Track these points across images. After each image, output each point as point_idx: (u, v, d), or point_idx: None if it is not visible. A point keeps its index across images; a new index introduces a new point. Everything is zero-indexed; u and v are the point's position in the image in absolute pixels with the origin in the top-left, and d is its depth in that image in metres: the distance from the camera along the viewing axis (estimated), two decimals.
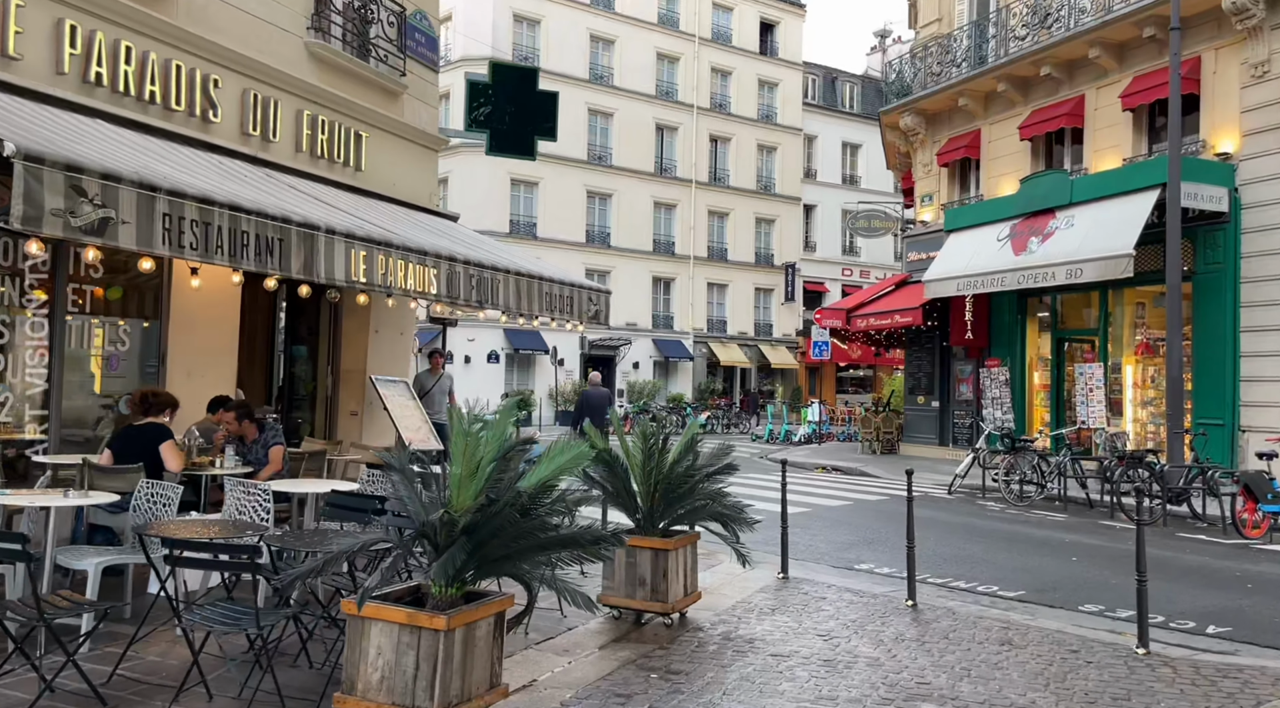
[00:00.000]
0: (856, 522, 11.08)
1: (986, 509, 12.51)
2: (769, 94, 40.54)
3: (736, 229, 39.06)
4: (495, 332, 32.06)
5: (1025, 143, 17.82)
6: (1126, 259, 13.66)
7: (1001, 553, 9.12)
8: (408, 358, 10.72)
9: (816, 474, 17.71)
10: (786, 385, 40.91)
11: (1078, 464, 13.29)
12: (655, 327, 36.76)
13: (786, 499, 8.02)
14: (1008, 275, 15.75)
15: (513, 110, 10.91)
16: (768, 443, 26.45)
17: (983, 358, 18.42)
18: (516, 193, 33.27)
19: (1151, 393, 16.08)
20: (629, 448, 6.15)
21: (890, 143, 21.88)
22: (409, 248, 6.62)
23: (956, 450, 18.18)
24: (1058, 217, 15.53)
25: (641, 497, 6.14)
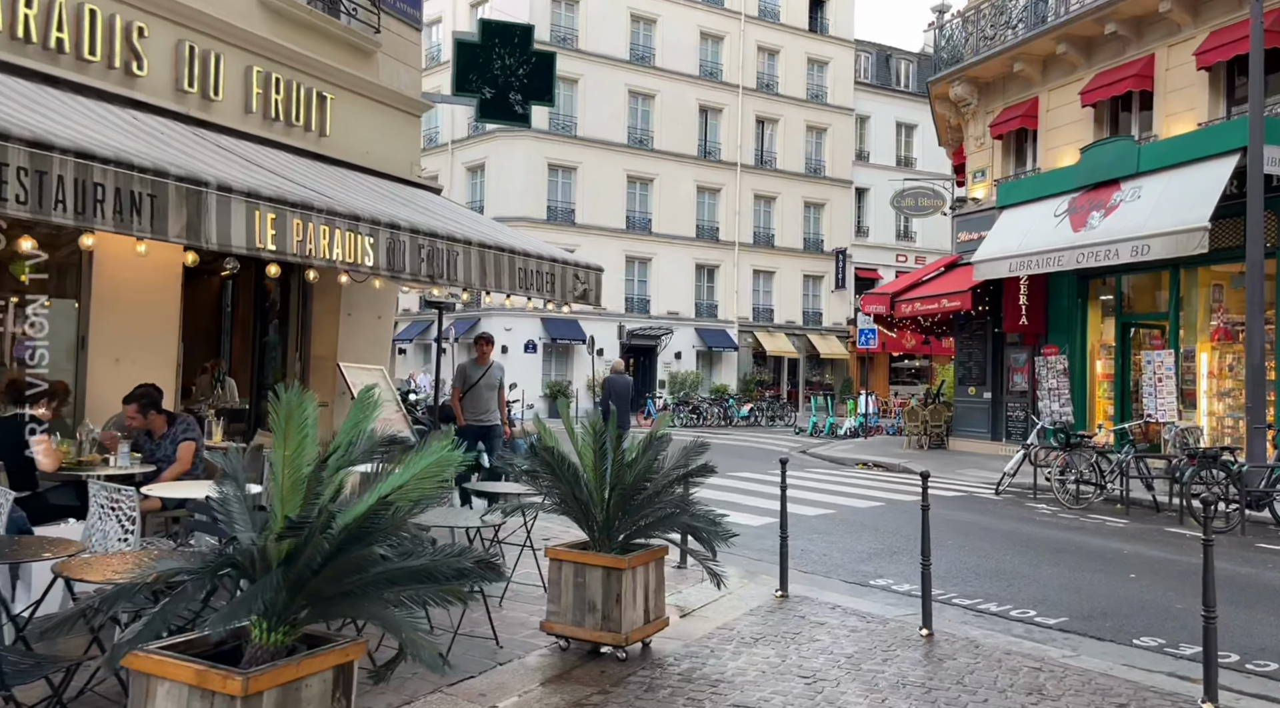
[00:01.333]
0: (884, 526, 9.93)
1: (1036, 513, 11.22)
2: (818, 73, 38.97)
3: (784, 214, 37.66)
4: (533, 321, 31.35)
5: (1087, 110, 16.27)
6: (1201, 233, 12.18)
7: (1046, 566, 7.90)
8: (386, 344, 9.88)
9: (856, 471, 16.50)
10: (837, 376, 39.44)
11: (1142, 463, 11.88)
12: (698, 315, 35.64)
13: (786, 502, 6.95)
14: (1065, 254, 14.31)
15: (506, 73, 9.97)
16: (810, 437, 25.23)
17: (1039, 345, 16.95)
18: (554, 178, 32.45)
19: (1229, 383, 14.49)
20: (579, 446, 5.16)
21: (940, 116, 20.42)
22: (336, 212, 5.72)
23: (1010, 446, 16.78)
24: (1123, 188, 14.03)
25: (595, 505, 5.15)
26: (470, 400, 9.14)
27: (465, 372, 9.26)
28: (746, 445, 22.02)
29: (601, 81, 33.01)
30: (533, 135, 31.71)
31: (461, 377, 9.22)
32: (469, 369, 9.29)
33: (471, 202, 33.33)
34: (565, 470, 5.09)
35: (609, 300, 34.22)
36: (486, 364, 9.27)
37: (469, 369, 9.29)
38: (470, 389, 9.14)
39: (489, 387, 9.25)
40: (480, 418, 9.15)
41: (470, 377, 9.21)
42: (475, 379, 9.20)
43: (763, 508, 10.85)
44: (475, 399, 9.14)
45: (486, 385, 9.23)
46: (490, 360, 9.35)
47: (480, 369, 9.23)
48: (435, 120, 35.15)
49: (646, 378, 34.53)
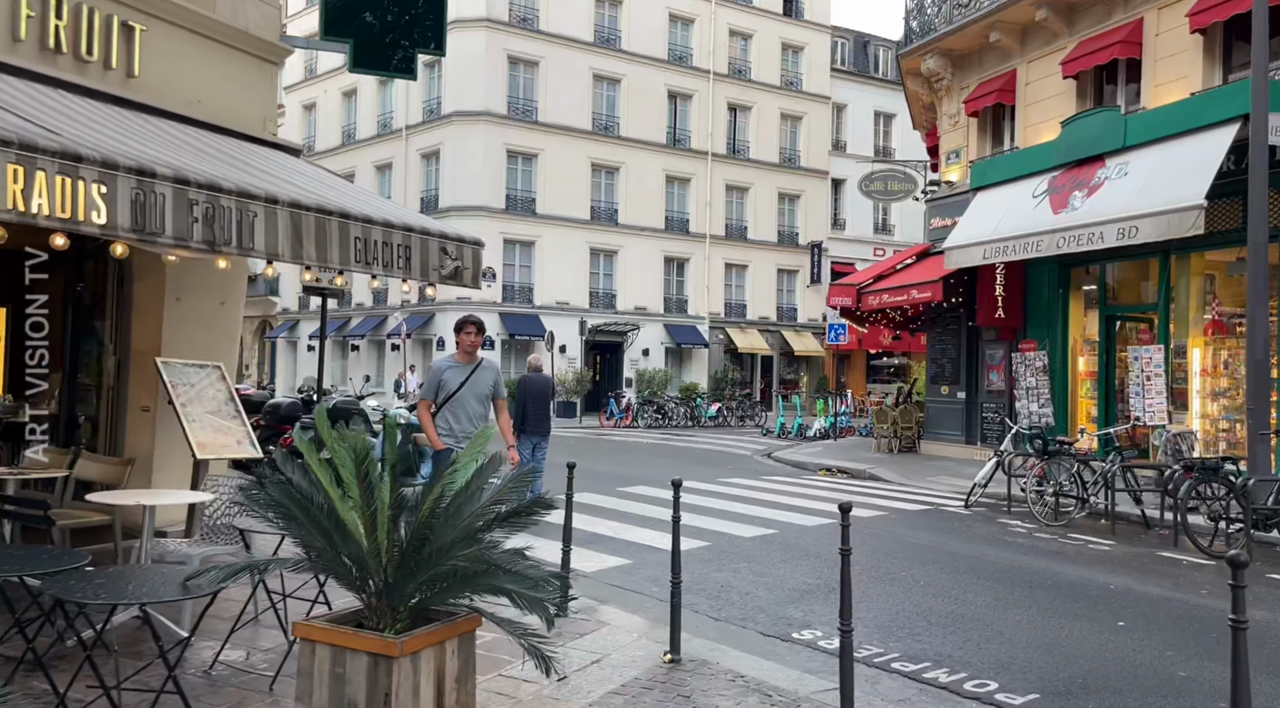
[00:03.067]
0: (829, 552, 8.41)
1: (1008, 532, 9.76)
2: (793, 59, 37.51)
3: (757, 205, 36.19)
4: (490, 316, 29.73)
5: (1069, 82, 14.84)
6: (1195, 212, 10.75)
7: (1016, 610, 6.42)
8: (233, 335, 8.30)
9: (817, 477, 15.04)
10: (813, 375, 38.05)
11: (1130, 473, 10.45)
12: (667, 311, 34.14)
13: (679, 537, 5.42)
14: (1044, 238, 12.87)
15: (387, 13, 8.40)
16: (777, 438, 23.77)
17: (1016, 340, 15.54)
18: (514, 166, 30.84)
19: (1225, 382, 13.10)
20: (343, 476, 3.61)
21: (913, 93, 18.97)
22: (36, 147, 4.15)
23: (984, 450, 15.36)
24: (1108, 165, 12.61)
25: (370, 560, 3.61)
26: (451, 415, 6.45)
27: (440, 375, 6.57)
28: (707, 449, 20.54)
29: (564, 64, 31.43)
30: (491, 120, 30.13)
31: (435, 382, 6.54)
32: (446, 371, 6.57)
33: (426, 190, 31.73)
34: (318, 512, 3.54)
35: (572, 295, 32.91)
36: (474, 363, 6.57)
37: (446, 371, 6.57)
38: (451, 399, 6.43)
39: (478, 395, 6.49)
40: (466, 428, 6.45)
41: (449, 382, 6.47)
42: (457, 385, 6.44)
43: (698, 528, 9.37)
44: (459, 414, 6.46)
45: (474, 394, 6.48)
46: (479, 357, 6.64)
47: (464, 369, 6.53)
48: (389, 104, 33.53)
49: (612, 376, 33.03)
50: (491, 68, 30.23)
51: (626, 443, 21.70)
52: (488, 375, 6.66)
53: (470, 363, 6.63)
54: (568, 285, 31.57)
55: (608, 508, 10.61)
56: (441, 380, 6.55)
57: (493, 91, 30.26)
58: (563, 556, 6.09)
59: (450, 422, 6.49)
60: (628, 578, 7.30)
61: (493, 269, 30.13)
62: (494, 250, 30.18)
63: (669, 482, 12.69)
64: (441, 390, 6.51)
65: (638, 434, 24.92)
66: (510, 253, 30.77)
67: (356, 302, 34.53)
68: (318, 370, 9.67)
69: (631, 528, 9.33)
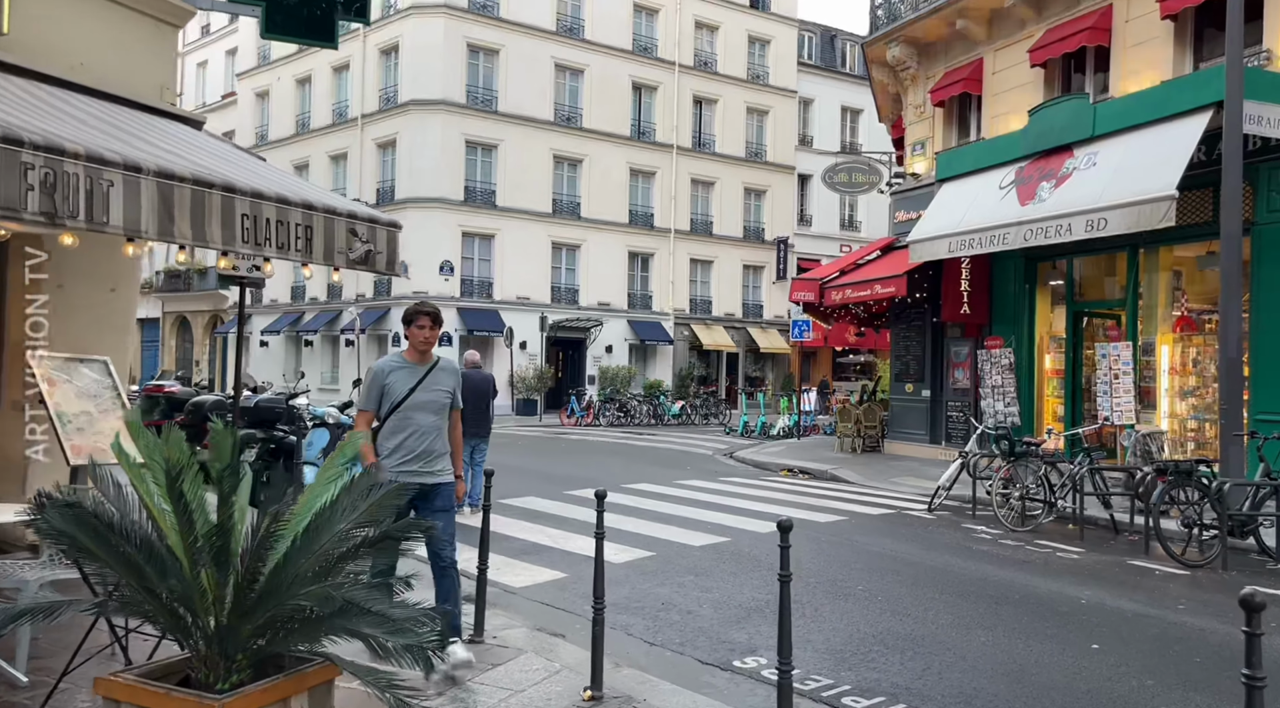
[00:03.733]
0: None
1: (973, 538, 9.24)
2: (760, 52, 37.00)
3: (723, 200, 35.64)
4: (448, 312, 28.88)
5: (1036, 71, 14.41)
6: (1167, 203, 10.31)
7: (980, 631, 5.86)
8: (126, 326, 7.52)
9: (778, 478, 14.49)
10: (779, 372, 37.62)
11: (1098, 476, 9.99)
12: (631, 307, 33.48)
13: (603, 556, 4.77)
14: (1011, 231, 12.40)
15: None
16: (741, 437, 23.24)
17: (982, 337, 15.09)
18: (473, 157, 29.98)
19: (1193, 380, 12.73)
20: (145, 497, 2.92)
21: (879, 83, 18.48)
22: None
23: (950, 450, 14.91)
24: (1076, 155, 12.16)
25: (196, 600, 2.92)
26: (398, 433, 4.85)
27: (384, 378, 4.94)
28: (668, 448, 19.94)
29: (525, 53, 30.63)
30: (450, 109, 29.28)
31: (376, 388, 4.93)
32: (392, 374, 4.94)
33: (383, 181, 30.81)
34: (122, 540, 2.84)
35: (533, 290, 32.12)
36: (428, 363, 5.00)
37: (392, 374, 4.94)
38: (398, 411, 4.87)
39: (433, 405, 4.92)
40: (415, 467, 4.82)
41: (395, 387, 4.90)
42: (406, 391, 4.88)
43: (645, 536, 8.75)
44: (409, 429, 4.85)
45: (428, 403, 4.90)
46: (435, 357, 5.08)
47: (415, 372, 4.94)
48: (345, 92, 32.54)
49: (575, 373, 32.33)
50: (450, 55, 29.37)
51: (585, 442, 21.03)
52: (445, 379, 5.01)
53: (424, 363, 4.98)
54: (529, 280, 30.81)
55: (551, 514, 9.95)
56: (385, 386, 4.91)
57: (451, 80, 29.40)
58: (479, 575, 5.42)
59: (395, 439, 4.84)
60: (560, 595, 6.66)
61: (450, 262, 29.33)
62: (452, 244, 29.41)
63: (620, 485, 11.98)
64: (386, 399, 4.90)
65: (598, 433, 24.25)
66: (469, 246, 29.95)
67: (310, 296, 33.52)
68: (235, 365, 8.90)
69: (573, 537, 8.68)
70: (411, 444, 4.88)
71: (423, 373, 4.99)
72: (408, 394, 4.92)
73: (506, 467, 15.64)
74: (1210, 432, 12.24)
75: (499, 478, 12.36)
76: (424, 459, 4.90)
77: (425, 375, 4.99)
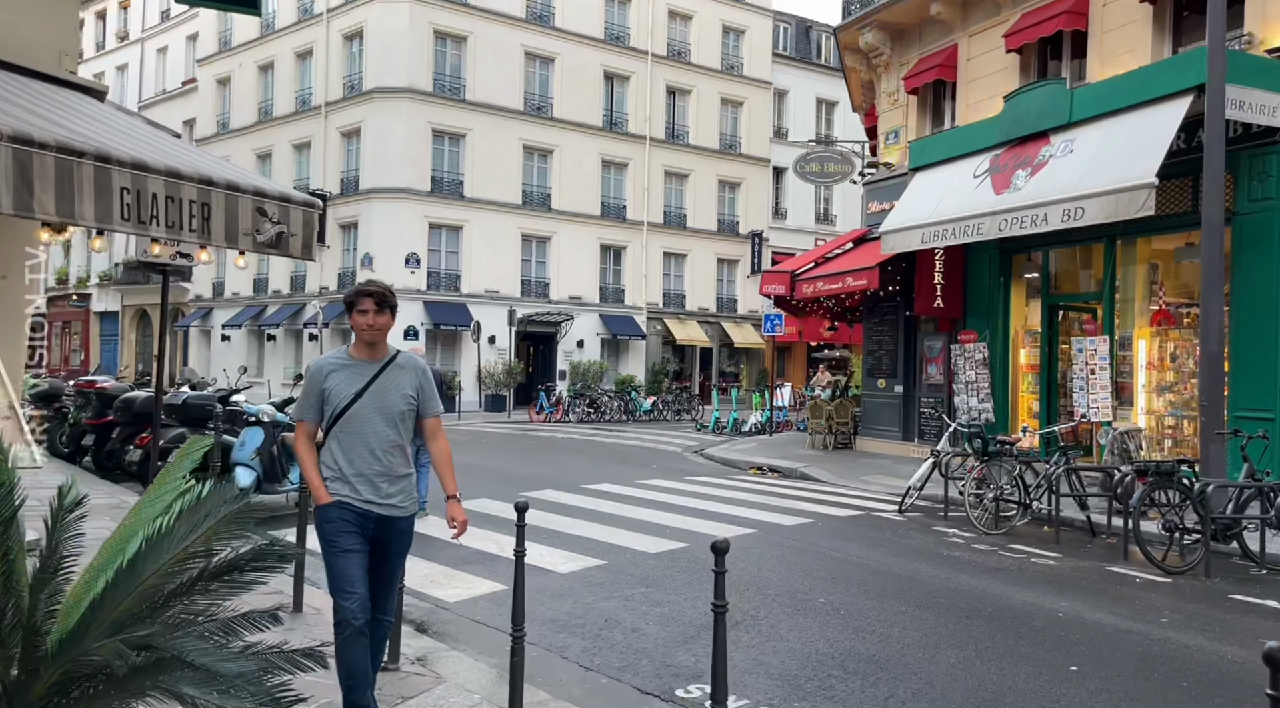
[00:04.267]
0: (742, 573, 7.31)
1: (945, 541, 8.78)
2: (734, 42, 36.48)
3: (697, 193, 35.11)
4: (414, 305, 28.22)
5: (1012, 57, 13.99)
6: (1146, 191, 9.89)
7: (950, 650, 5.37)
8: (17, 319, 6.86)
9: (746, 477, 14.00)
10: (753, 367, 37.20)
11: (1075, 476, 9.57)
12: (603, 300, 32.89)
13: (524, 576, 4.23)
14: (986, 221, 11.97)
15: None
16: (712, 433, 22.75)
17: (955, 331, 14.68)
18: (440, 146, 29.24)
19: (1170, 376, 12.36)
20: None
21: (852, 71, 18.01)
22: None
23: (923, 446, 14.50)
24: (1052, 142, 11.74)
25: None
26: (343, 448, 3.84)
27: (323, 380, 3.88)
28: (636, 445, 19.41)
29: (494, 41, 29.91)
30: (416, 97, 28.53)
31: (314, 393, 3.90)
32: (333, 374, 3.88)
33: (347, 170, 30.00)
34: None
35: (502, 283, 31.44)
36: (379, 359, 3.93)
37: (333, 374, 3.88)
38: (343, 420, 3.85)
39: (388, 412, 3.87)
40: (366, 493, 3.81)
41: (337, 391, 3.86)
42: (351, 396, 3.84)
43: (596, 542, 8.22)
44: (355, 444, 3.83)
45: (381, 410, 3.86)
46: (389, 350, 3.98)
47: (362, 370, 3.89)
48: (308, 80, 31.67)
49: (545, 368, 31.72)
50: (416, 42, 28.61)
51: (551, 439, 20.46)
52: (403, 379, 3.89)
53: (374, 359, 3.89)
54: (498, 273, 30.14)
55: (502, 518, 9.37)
56: (325, 390, 3.84)
57: (417, 67, 28.64)
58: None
59: (341, 458, 3.80)
60: (497, 611, 6.10)
61: (416, 254, 28.62)
62: (419, 235, 28.69)
63: (580, 485, 11.36)
64: (327, 406, 3.85)
65: (567, 429, 23.68)
66: (436, 238, 29.23)
67: (274, 289, 32.66)
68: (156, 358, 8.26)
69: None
70: (364, 463, 3.78)
71: (373, 372, 3.86)
72: (353, 399, 3.82)
73: (464, 466, 15.03)
74: (1189, 429, 11.89)
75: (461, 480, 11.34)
76: (375, 484, 3.78)
77: (377, 374, 3.86)
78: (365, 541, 3.81)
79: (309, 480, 3.88)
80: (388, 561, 3.95)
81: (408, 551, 4.06)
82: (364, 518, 3.81)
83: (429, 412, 4.03)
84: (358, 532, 3.79)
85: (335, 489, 3.83)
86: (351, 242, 29.49)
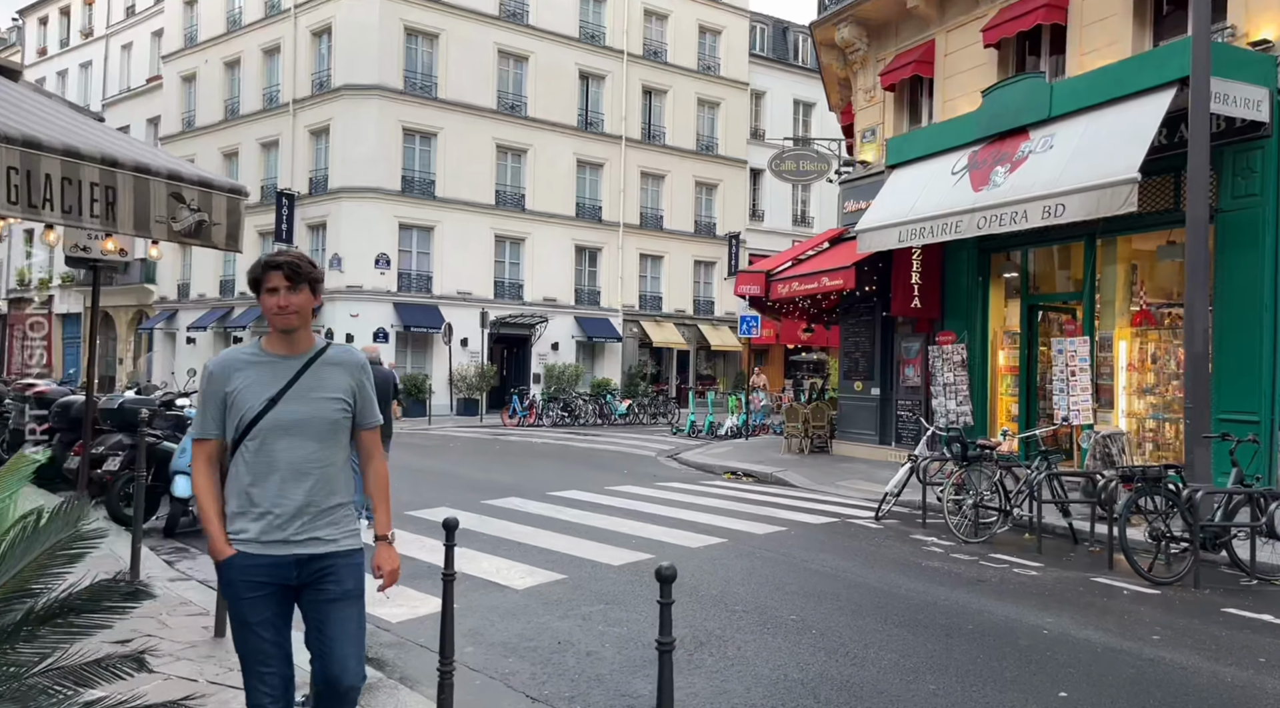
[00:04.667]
0: (708, 586, 6.89)
1: (923, 551, 8.40)
2: (711, 42, 36.17)
3: (673, 194, 34.73)
4: (384, 306, 27.65)
5: (990, 53, 13.69)
6: (1129, 187, 9.58)
7: (931, 673, 4.96)
8: None
9: (720, 482, 13.59)
10: (730, 370, 36.84)
11: (1057, 481, 9.23)
12: (578, 302, 32.42)
13: (452, 601, 3.78)
14: (964, 219, 11.63)
15: None
16: (688, 437, 22.34)
17: (933, 332, 14.36)
18: (410, 145, 28.68)
19: (1151, 378, 12.09)
20: None
21: (828, 67, 17.68)
22: None
23: (900, 451, 14.16)
24: (1032, 137, 11.43)
25: None
26: (252, 474, 2.89)
27: (225, 383, 2.91)
28: (609, 450, 18.96)
29: (466, 38, 29.39)
30: (386, 95, 27.96)
31: (215, 400, 2.92)
32: (238, 374, 2.91)
33: (316, 169, 29.35)
34: None
35: (475, 284, 30.86)
36: (301, 354, 2.96)
37: (238, 374, 2.91)
38: (250, 435, 2.88)
39: (312, 426, 2.91)
40: (282, 534, 2.87)
41: (243, 396, 2.88)
42: (259, 405, 2.88)
43: (558, 554, 7.77)
44: (266, 470, 2.87)
45: (302, 422, 2.90)
46: (316, 343, 3.02)
47: (277, 369, 2.93)
48: (276, 76, 31.00)
49: (519, 371, 31.20)
50: (386, 39, 28.04)
51: (523, 444, 19.97)
52: (334, 379, 2.98)
53: (293, 355, 2.95)
54: (470, 274, 29.59)
55: (460, 528, 8.87)
56: (228, 396, 2.91)
57: (387, 65, 28.07)
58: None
59: (250, 488, 2.89)
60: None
61: (386, 255, 28.02)
62: (389, 236, 28.10)
63: (547, 492, 10.85)
64: (231, 416, 2.91)
65: (540, 434, 23.19)
66: (407, 239, 28.64)
67: (240, 290, 31.89)
68: (89, 361, 7.74)
69: (478, 556, 7.67)
70: (272, 495, 2.86)
71: (293, 370, 2.91)
72: (265, 407, 2.86)
73: (427, 472, 14.59)
74: (1170, 432, 11.62)
75: (413, 486, 11.02)
76: (300, 519, 2.87)
77: (299, 374, 2.90)
78: (285, 599, 2.93)
79: (204, 524, 2.93)
80: (328, 610, 2.91)
81: (358, 595, 2.98)
82: (277, 568, 2.87)
83: (365, 421, 3.05)
84: (271, 593, 2.88)
85: (240, 531, 2.87)
86: (320, 242, 28.84)
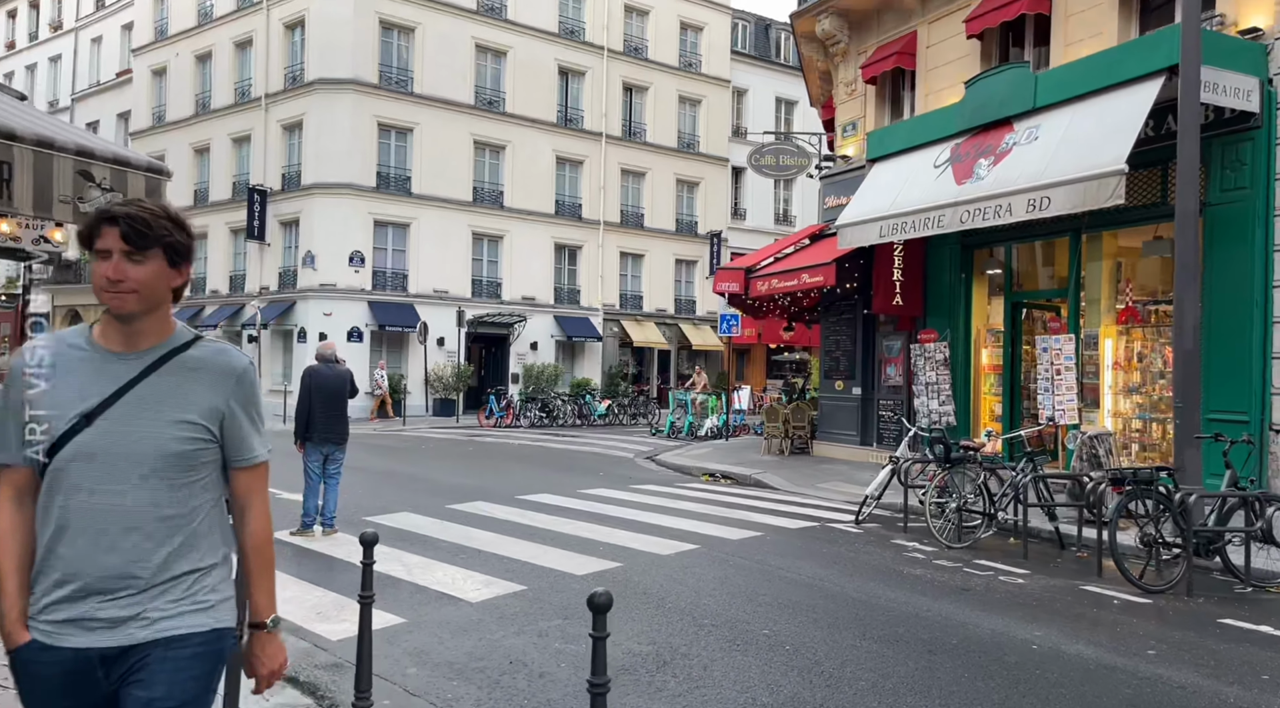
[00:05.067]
0: (676, 597, 6.48)
1: (905, 557, 8.03)
2: (692, 39, 35.79)
3: (654, 192, 34.32)
4: (359, 305, 27.09)
5: (973, 44, 13.37)
6: (1116, 178, 9.26)
7: (912, 696, 4.57)
8: None
9: (697, 484, 13.21)
10: (711, 370, 36.46)
11: (1042, 484, 8.89)
12: (558, 301, 31.95)
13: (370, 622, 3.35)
14: (947, 212, 11.29)
15: None
16: (667, 438, 21.94)
17: (915, 330, 14.02)
18: (386, 140, 28.12)
19: (1137, 377, 11.79)
20: None
21: (809, 60, 17.33)
22: None
23: (882, 451, 13.82)
24: (1016, 129, 11.10)
25: None
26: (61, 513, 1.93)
27: (37, 386, 1.94)
28: (586, 451, 18.53)
29: (443, 32, 28.87)
30: (360, 89, 27.39)
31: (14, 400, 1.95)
32: (49, 370, 1.96)
33: (289, 165, 28.75)
34: None
35: (451, 283, 30.30)
36: (151, 347, 2.00)
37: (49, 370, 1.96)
38: (67, 470, 1.92)
39: (142, 460, 1.93)
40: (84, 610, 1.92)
41: (56, 402, 1.94)
42: (75, 416, 1.93)
43: (518, 563, 7.34)
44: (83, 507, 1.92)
45: (128, 451, 1.93)
46: (171, 338, 2.04)
47: (111, 367, 1.97)
48: (248, 70, 30.37)
49: (497, 372, 30.70)
50: (361, 32, 27.47)
51: (498, 445, 19.50)
52: (189, 391, 2.01)
53: (132, 351, 1.99)
54: (447, 272, 29.05)
55: (419, 535, 8.46)
56: (29, 402, 1.95)
57: (362, 58, 27.50)
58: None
59: (53, 541, 1.94)
60: (387, 648, 5.20)
61: (361, 253, 27.46)
62: (363, 233, 27.53)
63: (516, 496, 10.37)
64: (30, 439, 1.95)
65: (517, 435, 22.72)
66: (382, 236, 28.08)
67: (211, 288, 31.25)
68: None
69: (434, 565, 7.23)
70: (81, 557, 1.93)
71: (130, 373, 1.98)
72: (78, 423, 1.93)
73: (393, 474, 14.08)
74: (1157, 432, 11.33)
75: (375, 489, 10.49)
76: (109, 595, 1.93)
77: (134, 382, 1.97)
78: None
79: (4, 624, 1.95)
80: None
81: (205, 695, 2.02)
82: (77, 675, 1.93)
83: (240, 455, 2.08)
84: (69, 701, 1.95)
85: (41, 609, 1.94)
86: (293, 239, 28.24)
